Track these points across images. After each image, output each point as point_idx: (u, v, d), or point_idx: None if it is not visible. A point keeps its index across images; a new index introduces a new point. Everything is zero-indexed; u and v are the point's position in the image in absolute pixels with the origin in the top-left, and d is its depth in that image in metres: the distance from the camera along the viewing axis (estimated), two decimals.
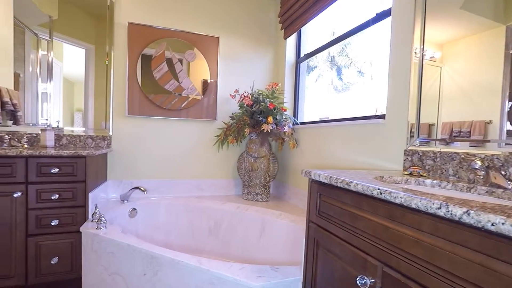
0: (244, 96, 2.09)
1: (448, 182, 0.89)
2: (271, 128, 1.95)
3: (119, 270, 1.32)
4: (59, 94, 2.17)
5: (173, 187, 2.20)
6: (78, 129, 2.10)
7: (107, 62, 2.10)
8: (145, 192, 1.92)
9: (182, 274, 1.13)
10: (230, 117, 2.23)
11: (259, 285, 1.00)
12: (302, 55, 2.27)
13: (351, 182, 0.79)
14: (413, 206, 0.61)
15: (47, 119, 2.03)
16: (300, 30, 2.23)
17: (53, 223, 1.53)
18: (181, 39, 2.19)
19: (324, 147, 1.78)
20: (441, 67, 1.11)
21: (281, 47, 2.38)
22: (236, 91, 2.17)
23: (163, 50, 2.13)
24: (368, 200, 0.76)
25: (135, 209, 1.95)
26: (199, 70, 2.24)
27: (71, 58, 2.18)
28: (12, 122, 1.99)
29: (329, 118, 1.94)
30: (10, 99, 2.01)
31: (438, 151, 1.03)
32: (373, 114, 1.45)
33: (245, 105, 2.06)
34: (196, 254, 1.23)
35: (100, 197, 1.86)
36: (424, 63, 1.13)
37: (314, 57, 2.17)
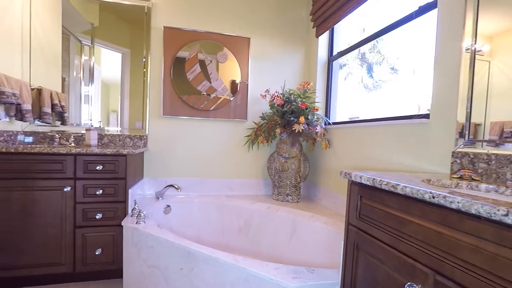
0: (275, 96, 2.09)
1: (507, 187, 0.82)
2: (303, 128, 1.93)
3: (158, 263, 1.38)
4: (98, 96, 2.32)
5: (204, 186, 2.26)
6: (113, 129, 2.22)
7: (143, 65, 2.20)
8: (179, 190, 1.98)
9: (218, 271, 1.16)
10: (260, 117, 2.24)
11: (295, 286, 0.99)
12: (334, 53, 2.21)
13: (398, 184, 0.75)
14: (473, 212, 0.56)
15: (91, 120, 2.18)
16: (333, 27, 2.18)
17: (97, 217, 1.64)
18: (213, 41, 2.24)
19: (359, 148, 1.72)
20: (489, 61, 1.02)
21: (312, 46, 2.34)
22: (267, 91, 2.18)
23: (196, 52, 2.19)
24: (418, 204, 0.72)
25: (169, 206, 2.03)
26: (230, 70, 2.27)
27: (108, 62, 2.32)
28: (60, 122, 2.17)
29: (360, 118, 1.88)
30: (59, 101, 2.19)
31: (494, 154, 0.95)
32: (415, 113, 1.37)
33: (276, 105, 2.06)
34: (227, 251, 1.24)
35: (137, 194, 1.96)
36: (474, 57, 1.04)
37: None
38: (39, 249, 1.59)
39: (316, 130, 1.97)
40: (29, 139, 2.01)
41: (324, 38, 2.26)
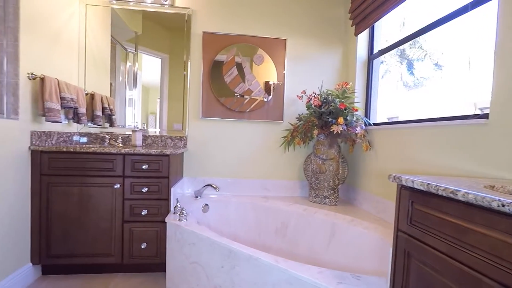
0: (312, 96, 2.06)
1: None
2: (342, 129, 1.87)
3: (199, 260, 1.43)
4: (139, 100, 2.47)
5: (240, 186, 2.30)
6: (151, 130, 2.35)
7: (184, 69, 2.30)
8: (217, 190, 2.04)
9: (259, 271, 1.17)
10: (296, 118, 2.22)
11: None
12: (375, 51, 2.12)
13: (458, 191, 0.70)
14: None
15: (137, 122, 2.33)
16: (373, 25, 2.09)
17: (143, 213, 1.75)
18: (250, 44, 2.27)
19: (403, 150, 1.62)
20: None
21: (351, 44, 2.27)
22: (303, 92, 2.15)
23: (233, 55, 2.24)
24: (482, 213, 0.66)
25: (207, 204, 2.09)
26: (266, 72, 2.29)
27: (148, 67, 2.47)
28: (108, 124, 2.35)
29: (399, 118, 1.77)
30: (108, 105, 2.37)
31: None
32: (470, 113, 1.26)
33: (313, 106, 2.03)
34: (263, 251, 1.25)
35: (177, 192, 2.05)
36: None
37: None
38: (93, 240, 1.74)
39: (356, 131, 1.90)
40: (84, 139, 2.20)
41: (363, 36, 2.18)
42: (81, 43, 2.20)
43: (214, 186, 2.05)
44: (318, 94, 2.06)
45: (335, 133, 1.90)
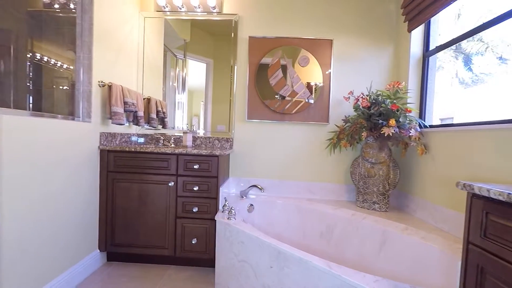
0: (360, 97, 1.99)
1: None
2: (393, 131, 1.78)
3: (248, 258, 1.48)
4: (185, 103, 2.62)
5: (284, 188, 2.31)
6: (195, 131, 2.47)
7: (230, 73, 2.39)
8: (262, 191, 2.08)
9: (310, 275, 1.17)
10: (343, 120, 2.16)
11: None
12: (431, 47, 1.98)
13: None
14: None
15: (187, 124, 2.48)
16: (429, 19, 1.95)
17: (194, 210, 1.85)
18: (295, 46, 2.27)
19: (466, 155, 1.48)
20: None
21: (403, 41, 2.14)
22: (351, 92, 2.09)
23: (278, 58, 2.27)
24: None
25: (252, 205, 2.14)
26: (311, 74, 2.27)
27: (193, 72, 2.60)
28: (161, 126, 2.53)
29: (454, 118, 1.61)
30: (161, 108, 2.56)
31: None
32: None
33: (361, 107, 1.96)
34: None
35: (223, 192, 2.13)
36: None
37: None
38: (150, 233, 1.89)
39: (410, 134, 1.79)
40: (141, 140, 2.41)
41: (417, 32, 2.04)
42: (139, 52, 2.41)
43: (260, 187, 2.09)
44: (367, 95, 1.98)
45: (385, 135, 1.81)
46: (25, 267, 1.34)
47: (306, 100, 2.26)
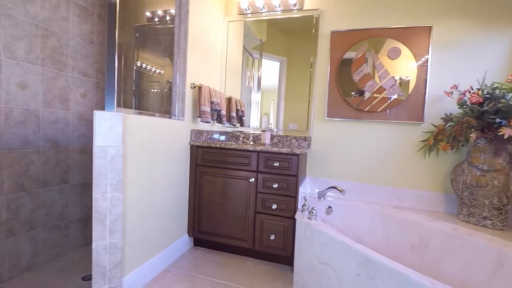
0: (469, 92, 1.68)
1: None
2: None
3: (331, 262, 1.42)
4: (259, 102, 2.67)
5: (365, 191, 2.15)
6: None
7: (310, 71, 2.34)
8: (343, 193, 1.97)
9: None
10: (442, 118, 1.88)
11: None
12: None
13: None
14: None
15: (269, 122, 2.54)
16: None
17: (273, 207, 1.89)
18: (383, 37, 2.07)
19: None
20: None
21: None
22: (454, 87, 1.80)
23: (363, 51, 2.11)
24: None
25: (330, 207, 2.06)
26: (403, 67, 2.03)
27: (265, 71, 2.63)
28: (239, 124, 2.65)
29: None
30: (240, 107, 2.68)
31: None
32: None
33: (469, 104, 1.66)
34: None
35: (300, 191, 2.10)
36: None
37: None
38: (231, 224, 2.01)
39: None
40: (222, 137, 2.58)
41: None
42: (222, 54, 2.58)
43: (340, 188, 1.99)
44: (478, 89, 1.67)
45: (504, 137, 1.49)
46: (138, 241, 1.58)
47: (396, 96, 2.04)
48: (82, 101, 2.01)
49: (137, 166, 1.54)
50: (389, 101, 2.05)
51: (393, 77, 2.04)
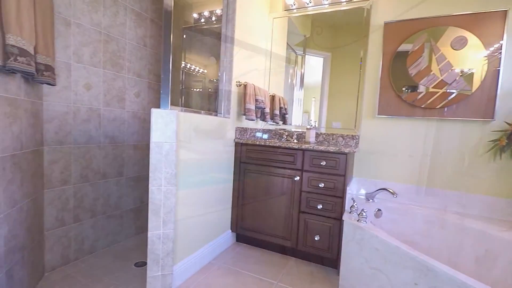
0: None
1: None
2: None
3: (383, 268, 1.33)
4: (302, 99, 2.61)
5: (420, 195, 1.97)
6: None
7: (360, 66, 2.21)
8: (395, 196, 1.84)
9: None
10: None
11: None
12: None
13: None
14: None
15: (311, 120, 2.48)
16: None
17: (318, 207, 1.83)
18: (446, 26, 1.87)
19: None
20: None
21: None
22: None
23: (422, 43, 1.93)
24: None
25: (380, 209, 1.93)
26: (469, 58, 1.82)
27: (308, 67, 2.55)
28: (282, 122, 2.63)
29: None
30: (284, 104, 2.65)
31: None
32: None
33: None
34: None
35: (348, 192, 2.01)
36: None
37: None
38: (274, 223, 2.00)
39: None
40: (266, 135, 2.58)
41: None
42: (267, 51, 2.58)
43: (391, 191, 1.85)
44: None
45: None
46: (186, 234, 1.66)
47: (460, 91, 1.83)
48: (136, 100, 2.16)
49: (187, 161, 1.61)
50: (451, 96, 1.85)
51: (457, 69, 1.84)
